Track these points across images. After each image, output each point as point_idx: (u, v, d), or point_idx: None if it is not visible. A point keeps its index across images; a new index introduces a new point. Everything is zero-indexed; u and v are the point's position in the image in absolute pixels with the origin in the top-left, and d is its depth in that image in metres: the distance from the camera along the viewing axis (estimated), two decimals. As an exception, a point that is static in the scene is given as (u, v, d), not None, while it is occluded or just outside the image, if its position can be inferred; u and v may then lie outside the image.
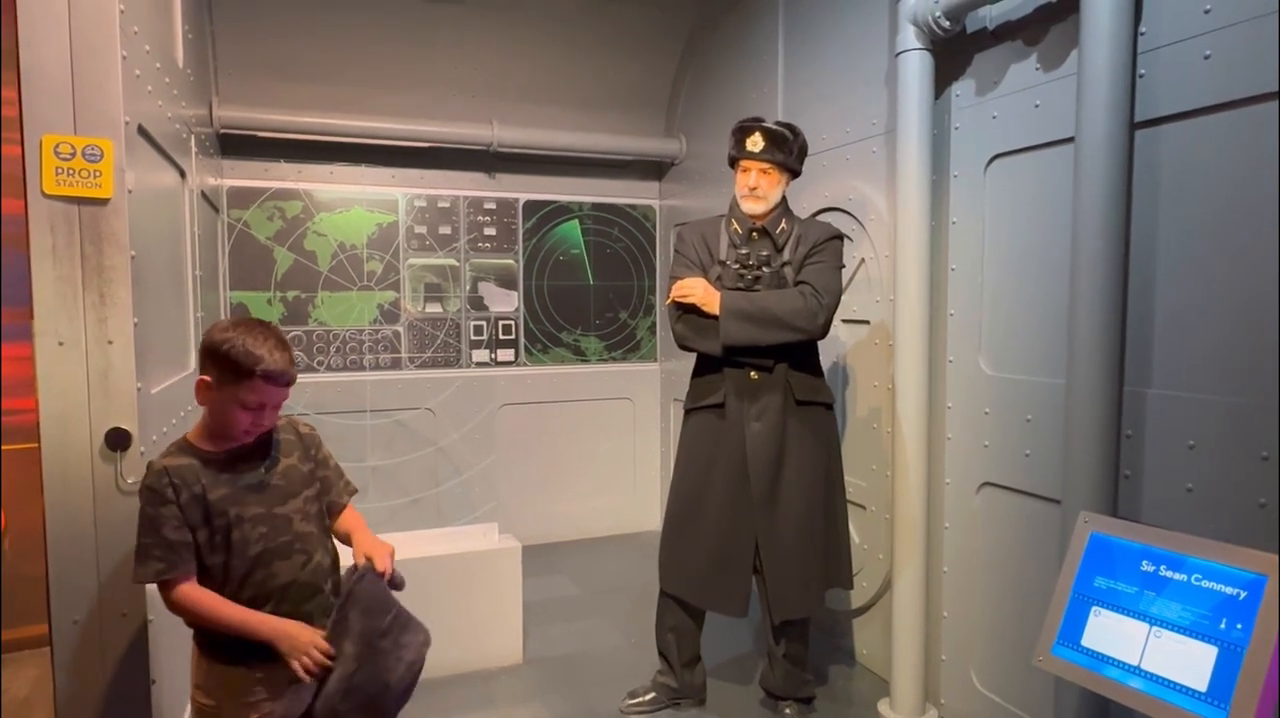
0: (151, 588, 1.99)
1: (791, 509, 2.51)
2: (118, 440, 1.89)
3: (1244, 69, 1.81)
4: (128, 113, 1.92)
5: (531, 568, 3.55)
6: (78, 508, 1.90)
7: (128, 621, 1.94)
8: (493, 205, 4.63)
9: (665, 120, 4.85)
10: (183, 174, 2.76)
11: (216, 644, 1.65)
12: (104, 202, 1.87)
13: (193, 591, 1.59)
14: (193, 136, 2.96)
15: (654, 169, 4.96)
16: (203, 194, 3.22)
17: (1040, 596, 2.33)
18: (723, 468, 2.53)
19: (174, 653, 2.34)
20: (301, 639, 1.58)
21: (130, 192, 1.93)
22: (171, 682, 2.16)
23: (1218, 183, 1.89)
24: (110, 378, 1.90)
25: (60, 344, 1.86)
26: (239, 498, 1.63)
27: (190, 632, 1.70)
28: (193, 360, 2.82)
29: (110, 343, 1.89)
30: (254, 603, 1.62)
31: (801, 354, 2.55)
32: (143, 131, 2.11)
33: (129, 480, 1.91)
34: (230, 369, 1.57)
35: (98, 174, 1.86)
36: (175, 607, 1.60)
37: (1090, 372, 2.05)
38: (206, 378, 1.60)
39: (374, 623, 1.62)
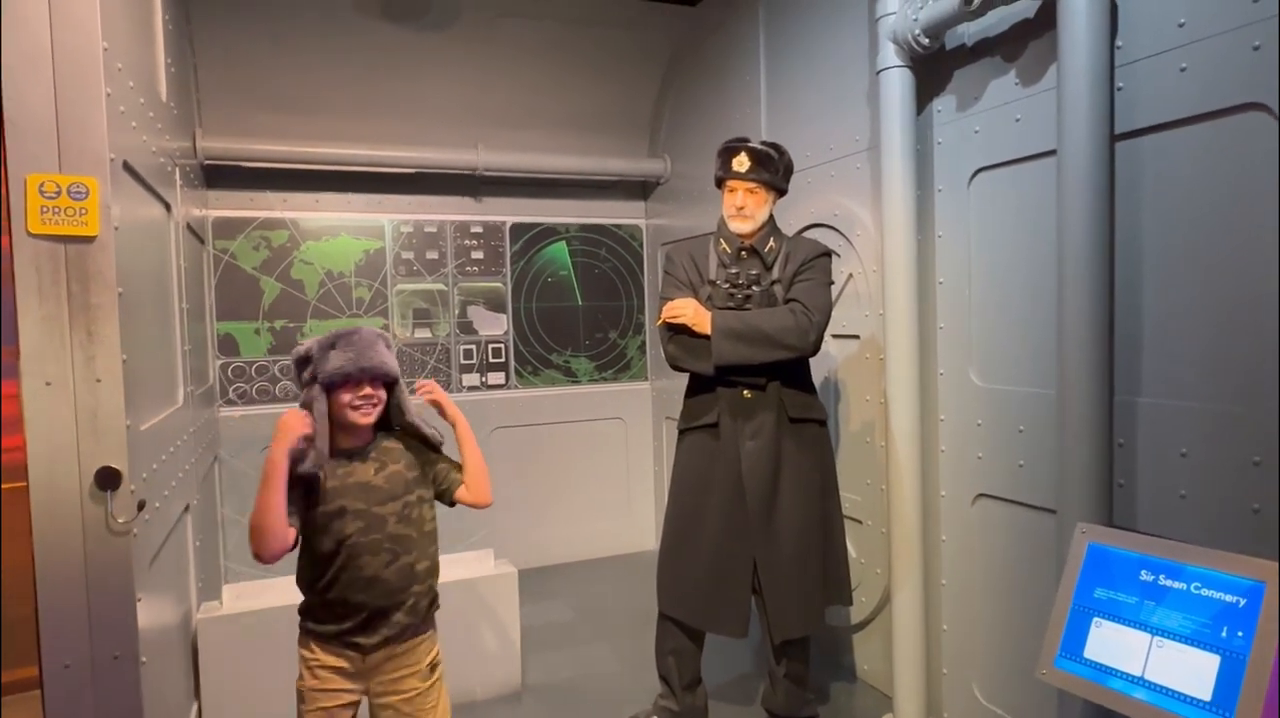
0: (144, 628, 1.97)
1: (788, 527, 2.51)
2: (107, 480, 1.87)
3: (1219, 81, 1.84)
4: (112, 149, 1.92)
5: (528, 593, 3.53)
6: (67, 549, 1.87)
7: (120, 663, 1.91)
8: (479, 229, 4.63)
9: (649, 140, 4.88)
10: (168, 207, 2.74)
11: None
12: (90, 239, 1.86)
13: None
14: (177, 169, 2.96)
15: (639, 189, 4.98)
16: (188, 226, 3.21)
17: (1039, 606, 2.33)
18: (718, 488, 2.52)
19: (167, 696, 2.31)
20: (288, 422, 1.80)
21: (116, 228, 1.92)
22: (166, 724, 2.12)
23: (1198, 193, 1.91)
24: (99, 417, 1.88)
25: (48, 384, 1.83)
26: (347, 491, 1.87)
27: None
28: (181, 394, 2.79)
29: (98, 381, 1.87)
30: (342, 590, 1.84)
31: (794, 372, 2.56)
32: (128, 167, 2.10)
33: (119, 520, 1.88)
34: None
35: (83, 212, 1.85)
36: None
37: (1080, 381, 2.07)
38: None
39: None
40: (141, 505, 1.97)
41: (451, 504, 2.05)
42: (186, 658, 2.66)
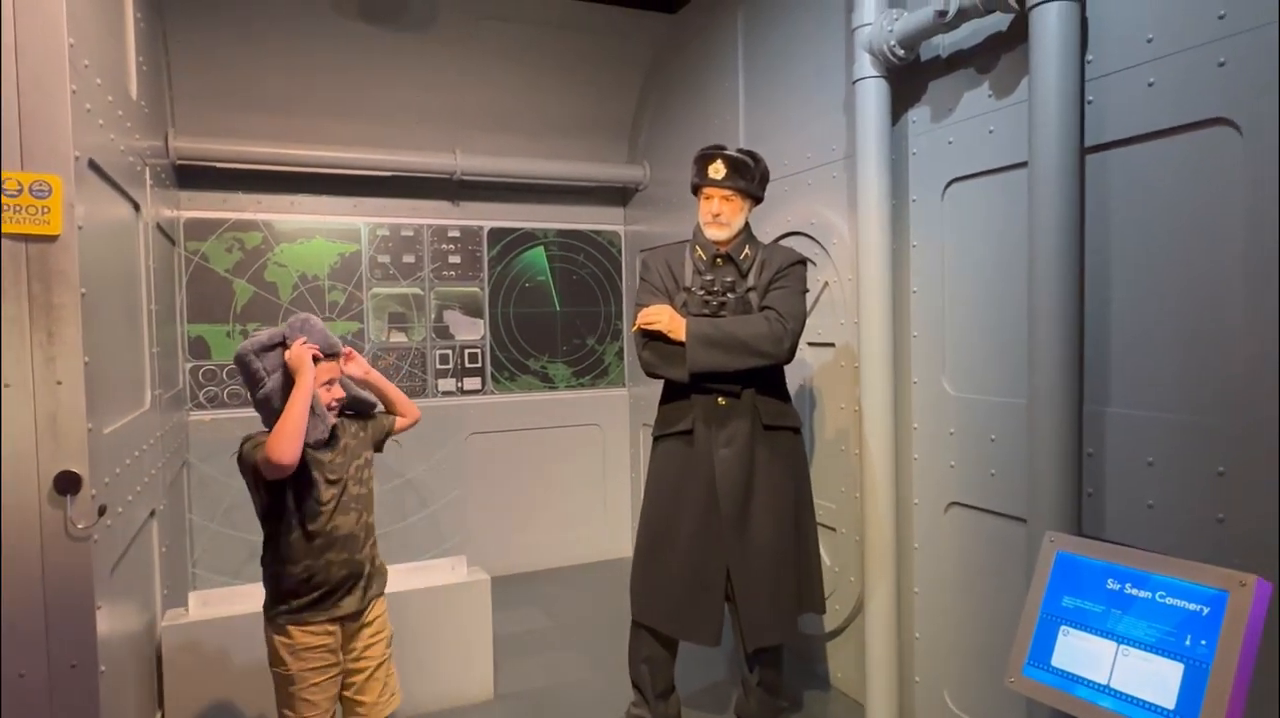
0: (104, 637, 1.93)
1: (762, 535, 2.50)
2: (67, 484, 1.83)
3: (1186, 96, 1.86)
4: (78, 147, 1.88)
5: (502, 601, 3.51)
6: (24, 554, 1.83)
7: (78, 672, 1.87)
8: (457, 233, 4.61)
9: (628, 147, 4.88)
10: (137, 207, 2.70)
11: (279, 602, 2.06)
12: (52, 238, 1.82)
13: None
14: (147, 169, 2.91)
15: (618, 195, 4.98)
16: (158, 227, 3.16)
17: (1009, 614, 2.35)
18: (692, 495, 2.52)
19: (128, 706, 2.26)
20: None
21: (80, 227, 1.89)
22: (125, 734, 2.08)
23: (1166, 206, 1.94)
24: (59, 420, 1.84)
25: (7, 386, 1.79)
26: (319, 465, 2.06)
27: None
28: (148, 398, 2.75)
29: (59, 384, 1.83)
30: (323, 554, 2.04)
31: (768, 379, 2.56)
32: (94, 165, 2.07)
33: (79, 525, 1.84)
34: None
35: (46, 210, 1.81)
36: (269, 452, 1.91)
37: (1050, 391, 2.08)
38: None
39: None
40: (103, 511, 1.93)
41: (392, 435, 2.34)
42: (150, 667, 2.61)
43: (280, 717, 2.10)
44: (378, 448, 2.31)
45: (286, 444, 1.88)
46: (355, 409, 2.23)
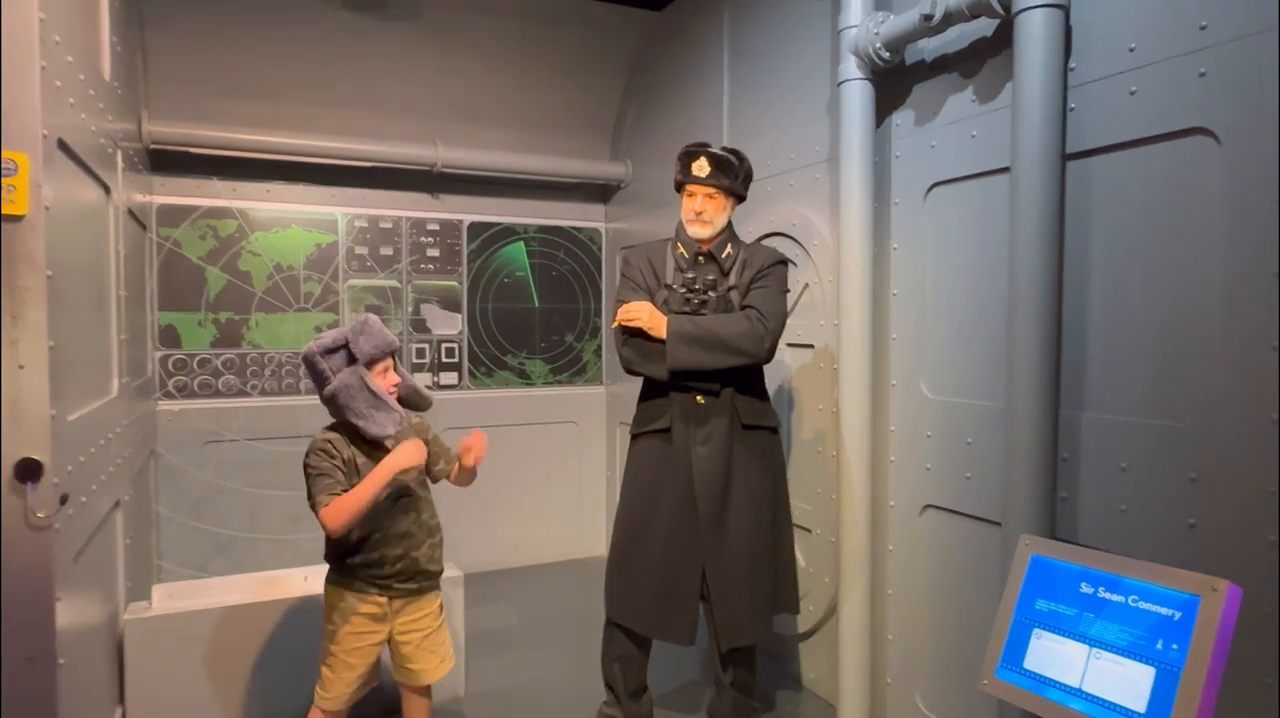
0: (64, 629, 1.88)
1: (738, 534, 2.50)
2: (28, 471, 1.78)
3: (1166, 105, 1.88)
4: (46, 126, 1.83)
5: (474, 597, 3.48)
6: (-18, 544, 1.77)
7: (35, 665, 1.81)
8: (436, 227, 4.56)
9: (611, 143, 4.86)
10: (107, 190, 2.64)
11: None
12: (18, 218, 1.77)
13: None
14: (119, 151, 2.84)
15: (600, 192, 4.96)
16: (129, 211, 3.09)
17: (983, 618, 2.36)
18: (669, 493, 2.51)
19: (88, 701, 2.21)
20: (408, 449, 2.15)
21: (48, 208, 1.83)
22: (84, 729, 2.03)
23: (1145, 213, 1.96)
24: (21, 405, 1.78)
25: (-34, 369, 1.74)
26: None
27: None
28: (116, 386, 2.68)
29: (22, 368, 1.78)
30: (381, 546, 2.18)
31: (747, 378, 2.55)
32: (63, 145, 2.01)
33: (39, 514, 1.79)
34: None
35: (12, 189, 1.76)
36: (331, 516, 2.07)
37: (1027, 396, 2.10)
38: None
39: None
40: (64, 499, 1.88)
41: (435, 481, 2.43)
42: (111, 661, 2.55)
43: (320, 671, 2.25)
44: (428, 470, 2.38)
45: (343, 521, 2.06)
46: (410, 404, 2.34)
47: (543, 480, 4.84)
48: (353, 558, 2.19)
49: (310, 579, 2.91)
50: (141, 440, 3.34)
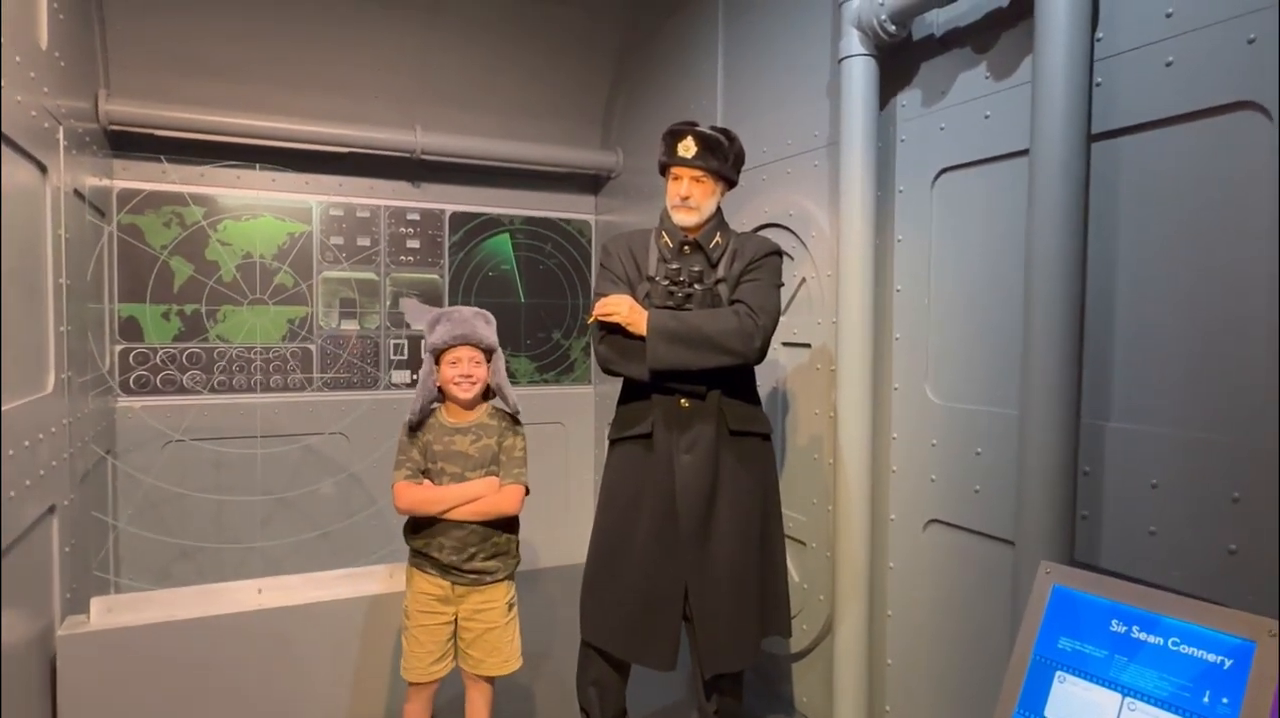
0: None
1: (724, 551, 2.29)
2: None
3: (1209, 77, 1.68)
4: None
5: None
6: None
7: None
8: (416, 216, 4.35)
9: (601, 131, 4.65)
10: (43, 169, 2.43)
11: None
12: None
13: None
14: (62, 128, 2.63)
15: (589, 182, 4.74)
16: (77, 193, 2.88)
17: (993, 644, 2.16)
18: (649, 505, 2.30)
19: (28, 705, 2.01)
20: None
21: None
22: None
23: (1181, 200, 1.75)
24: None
25: None
26: (448, 457, 2.31)
27: None
28: (51, 380, 2.48)
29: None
30: (439, 534, 2.28)
31: (736, 380, 2.34)
32: (-24, 115, 1.80)
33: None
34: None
35: (-101, 159, 1.55)
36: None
37: (1045, 403, 1.89)
38: None
39: None
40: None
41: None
42: (42, 679, 2.34)
43: (403, 644, 2.38)
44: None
45: (404, 505, 2.27)
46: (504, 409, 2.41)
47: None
48: (414, 539, 2.32)
49: (264, 593, 2.71)
50: (91, 440, 3.12)
